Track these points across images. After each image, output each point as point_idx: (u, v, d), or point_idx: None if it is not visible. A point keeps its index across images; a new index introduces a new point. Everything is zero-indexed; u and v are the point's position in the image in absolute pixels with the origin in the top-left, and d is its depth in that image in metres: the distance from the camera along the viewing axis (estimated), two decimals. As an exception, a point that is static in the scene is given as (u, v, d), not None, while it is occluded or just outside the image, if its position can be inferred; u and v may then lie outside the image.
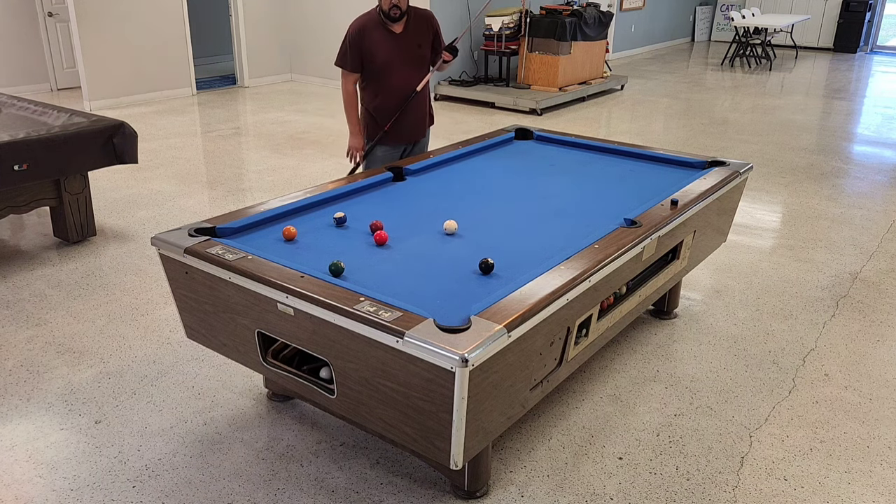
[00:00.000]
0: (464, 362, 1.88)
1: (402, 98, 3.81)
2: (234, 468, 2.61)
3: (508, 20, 8.77)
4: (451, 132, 7.43)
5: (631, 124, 7.94)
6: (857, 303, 3.93)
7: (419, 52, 3.80)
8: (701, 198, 3.12)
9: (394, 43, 3.73)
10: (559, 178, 3.45)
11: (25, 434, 2.77)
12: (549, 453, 2.71)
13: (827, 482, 2.59)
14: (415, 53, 3.79)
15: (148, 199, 5.38)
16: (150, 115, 8.02)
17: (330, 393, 2.33)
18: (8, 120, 4.48)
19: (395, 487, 2.52)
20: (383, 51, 3.72)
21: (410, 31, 3.77)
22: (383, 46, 3.72)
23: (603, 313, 2.73)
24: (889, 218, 5.21)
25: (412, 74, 3.81)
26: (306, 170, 6.13)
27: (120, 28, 8.24)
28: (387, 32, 3.73)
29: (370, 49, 3.73)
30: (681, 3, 14.34)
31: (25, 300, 3.82)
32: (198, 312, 2.62)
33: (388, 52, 3.73)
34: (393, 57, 3.73)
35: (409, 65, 3.79)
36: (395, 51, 3.73)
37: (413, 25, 3.78)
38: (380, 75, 3.77)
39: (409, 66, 3.79)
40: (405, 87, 3.81)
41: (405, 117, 3.87)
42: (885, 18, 14.56)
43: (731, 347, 3.48)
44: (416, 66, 3.81)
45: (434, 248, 2.64)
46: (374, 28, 3.73)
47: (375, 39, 3.72)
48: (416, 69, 3.82)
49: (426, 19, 3.84)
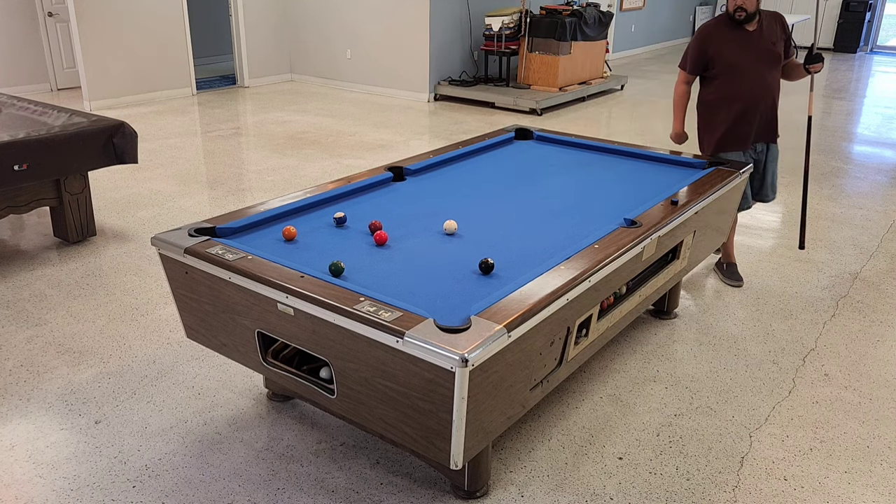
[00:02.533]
0: (464, 362, 1.88)
1: (753, 96, 3.76)
2: (234, 468, 2.61)
3: (508, 20, 8.77)
4: (451, 132, 7.43)
5: (631, 124, 7.94)
6: (857, 303, 3.93)
7: (774, 50, 3.75)
8: (701, 198, 3.12)
9: (746, 42, 3.72)
10: (559, 178, 3.45)
11: (25, 434, 2.78)
12: (549, 453, 2.71)
13: (827, 482, 2.59)
14: (770, 51, 3.74)
15: (148, 199, 5.38)
16: (150, 115, 8.02)
17: (330, 393, 2.33)
18: (8, 120, 4.48)
19: (395, 487, 2.52)
20: (733, 49, 3.72)
21: (764, 30, 3.74)
22: (734, 45, 3.72)
23: (603, 313, 2.73)
24: (889, 218, 5.21)
25: (764, 73, 3.75)
26: (306, 170, 6.13)
27: (120, 28, 8.24)
28: (738, 31, 3.73)
29: (719, 49, 3.74)
30: (681, 3, 14.34)
31: (25, 300, 3.82)
32: (198, 312, 2.62)
33: (739, 50, 3.72)
34: (744, 56, 3.72)
35: (762, 63, 3.74)
36: (746, 50, 3.72)
37: (766, 24, 3.76)
38: (729, 74, 3.76)
39: (761, 64, 3.74)
40: (757, 84, 3.75)
41: (756, 117, 3.82)
42: (885, 18, 14.55)
43: (731, 347, 3.48)
44: (769, 65, 3.75)
45: (434, 248, 2.64)
46: (724, 29, 3.76)
47: (725, 39, 3.74)
48: (769, 68, 3.76)
49: (777, 19, 3.81)
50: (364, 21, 9.27)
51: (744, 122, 3.81)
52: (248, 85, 9.78)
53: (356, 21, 9.34)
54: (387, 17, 9.03)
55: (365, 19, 9.25)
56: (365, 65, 9.47)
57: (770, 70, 3.77)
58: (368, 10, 9.17)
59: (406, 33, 8.90)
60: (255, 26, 9.67)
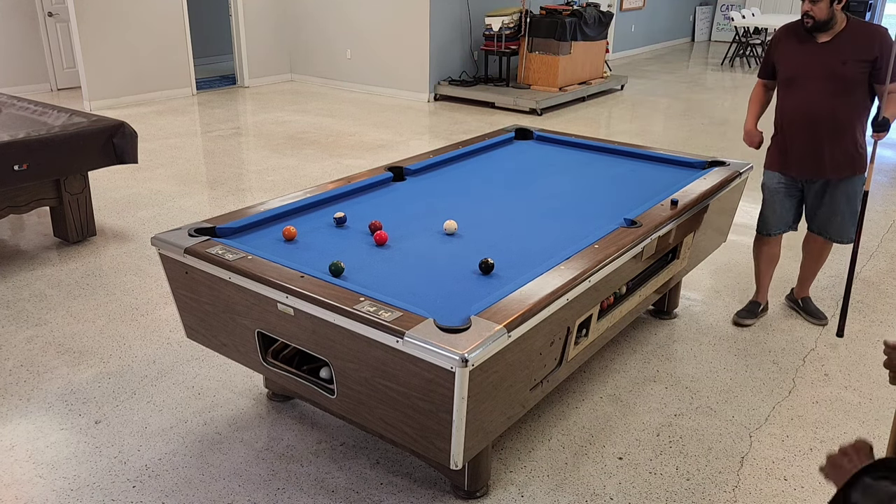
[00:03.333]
0: (464, 362, 1.88)
1: (806, 117, 3.30)
2: (234, 468, 2.61)
3: (508, 20, 8.77)
4: (451, 132, 7.43)
5: (631, 124, 7.94)
6: (857, 303, 3.93)
7: (842, 69, 3.19)
8: (701, 198, 3.12)
9: (810, 53, 3.26)
10: (559, 178, 3.45)
11: (25, 434, 2.77)
12: (549, 453, 2.71)
13: (827, 482, 2.59)
14: (834, 70, 3.20)
15: (148, 199, 5.38)
16: (150, 115, 8.02)
17: (330, 393, 2.33)
18: (8, 120, 4.48)
19: (395, 487, 2.52)
20: (794, 60, 3.32)
21: (839, 44, 3.20)
22: (795, 55, 3.31)
23: (603, 313, 2.73)
24: (889, 218, 5.21)
25: (825, 92, 3.23)
26: (306, 170, 6.13)
27: (120, 28, 8.24)
28: (806, 41, 3.28)
29: (782, 56, 3.38)
30: (681, 3, 14.34)
31: (25, 300, 3.82)
32: (198, 312, 2.62)
33: (800, 62, 3.29)
34: (804, 68, 3.27)
35: (823, 81, 3.22)
36: (808, 62, 3.26)
37: (845, 39, 3.20)
38: (787, 87, 3.37)
39: (822, 81, 3.23)
40: (812, 105, 3.27)
41: (804, 143, 3.34)
42: (885, 18, 14.55)
43: (731, 347, 3.48)
44: (832, 84, 3.21)
45: (434, 248, 2.64)
46: (794, 35, 3.34)
47: (789, 47, 3.34)
48: (832, 87, 3.22)
49: (869, 36, 3.19)
50: (364, 21, 9.26)
51: (790, 145, 3.38)
52: (248, 85, 9.78)
53: (356, 21, 9.34)
54: (387, 17, 9.03)
55: (365, 19, 9.25)
56: (365, 65, 9.47)
57: (835, 92, 3.22)
58: (368, 10, 9.17)
59: (406, 33, 8.90)
60: (255, 26, 9.66)
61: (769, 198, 3.55)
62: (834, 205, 3.43)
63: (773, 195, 3.52)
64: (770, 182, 3.54)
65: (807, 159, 3.37)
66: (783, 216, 3.54)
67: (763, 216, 3.60)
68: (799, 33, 3.32)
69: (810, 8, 3.16)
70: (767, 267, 3.68)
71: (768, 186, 3.55)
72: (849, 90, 3.23)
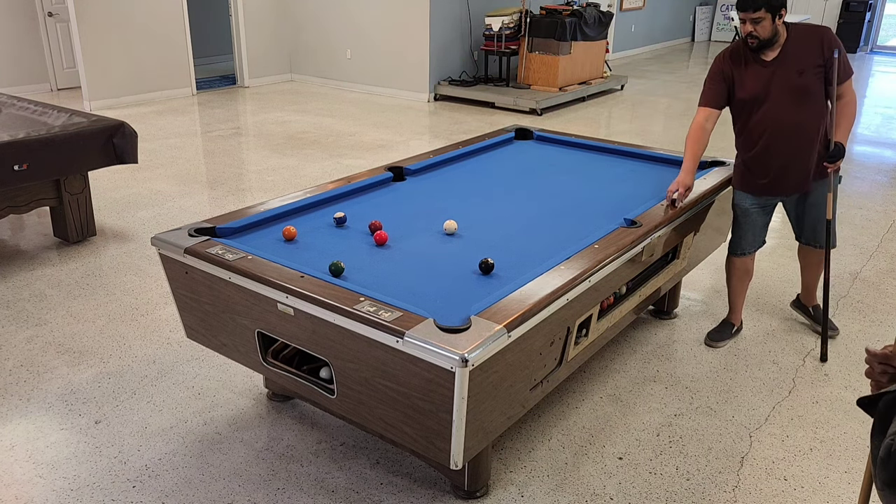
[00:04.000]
0: (464, 362, 1.88)
1: (771, 137, 3.17)
2: (234, 468, 2.61)
3: (508, 20, 8.77)
4: (451, 132, 7.43)
5: (631, 124, 7.94)
6: (857, 303, 3.93)
7: (798, 81, 3.07)
8: (701, 198, 3.12)
9: (763, 73, 3.12)
10: (559, 178, 3.45)
11: (25, 434, 2.77)
12: (549, 453, 2.71)
13: (827, 482, 2.59)
14: (792, 84, 3.08)
15: (148, 199, 5.38)
16: (150, 115, 8.02)
17: (330, 393, 2.33)
18: (8, 120, 4.48)
19: (395, 487, 2.52)
20: (749, 84, 3.15)
21: (788, 57, 3.09)
22: (749, 79, 3.14)
23: (603, 313, 2.73)
24: (889, 218, 5.21)
25: (786, 109, 3.11)
26: (306, 170, 6.13)
27: (120, 28, 8.24)
28: (754, 62, 3.14)
29: (735, 83, 3.18)
30: (681, 3, 14.34)
31: (25, 300, 3.82)
32: (198, 312, 2.62)
33: (754, 83, 3.13)
34: (760, 89, 3.13)
35: (783, 97, 3.10)
36: (762, 82, 3.12)
37: (792, 49, 3.08)
38: (746, 111, 3.21)
39: (782, 98, 3.11)
40: (775, 124, 3.14)
41: (784, 162, 3.20)
42: (885, 18, 14.55)
43: (731, 347, 3.48)
44: (793, 99, 3.10)
45: (434, 248, 2.64)
46: (739, 58, 3.17)
47: (739, 72, 3.17)
48: (794, 103, 3.10)
49: (815, 39, 3.08)
50: (364, 21, 9.26)
51: (770, 168, 3.23)
52: (248, 85, 9.78)
53: (356, 21, 9.34)
54: (387, 17, 9.03)
55: (365, 19, 9.25)
56: (365, 65, 9.46)
57: (799, 104, 3.11)
58: (368, 10, 9.17)
59: (406, 33, 8.90)
60: (255, 26, 9.66)
61: (742, 219, 3.39)
62: (817, 212, 3.37)
63: (746, 216, 3.38)
64: (742, 202, 3.37)
65: (790, 177, 3.25)
66: (758, 235, 3.44)
67: (736, 237, 3.45)
68: (745, 55, 3.16)
69: (753, 28, 3.02)
70: (741, 285, 3.52)
71: (740, 206, 3.38)
72: (810, 99, 3.12)
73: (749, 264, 3.49)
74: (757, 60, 3.14)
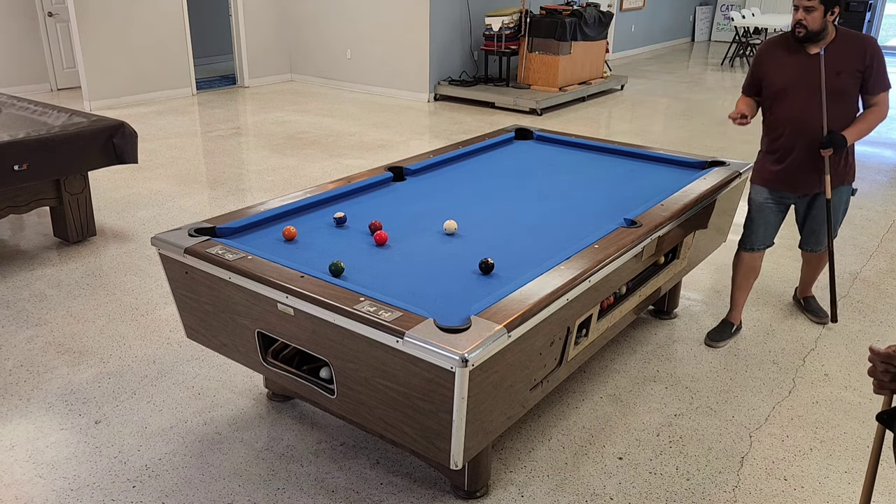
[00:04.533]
0: (464, 362, 1.88)
1: (799, 131, 3.21)
2: (234, 468, 2.61)
3: (508, 20, 8.77)
4: (451, 132, 7.44)
5: (631, 124, 7.94)
6: (857, 303, 3.93)
7: (836, 81, 3.12)
8: (701, 198, 3.12)
9: (802, 65, 3.17)
10: (559, 178, 3.45)
11: (25, 434, 2.77)
12: (549, 453, 2.71)
13: (827, 482, 2.59)
14: (828, 82, 3.11)
15: (148, 199, 5.38)
16: (150, 115, 8.02)
17: (330, 393, 2.33)
18: (8, 120, 4.48)
19: (395, 487, 2.52)
20: (784, 72, 3.21)
21: (829, 55, 3.12)
22: (786, 68, 3.20)
23: (603, 313, 2.73)
24: (889, 218, 5.21)
25: (815, 106, 3.14)
26: (306, 170, 6.13)
27: (120, 28, 8.24)
28: (796, 53, 3.19)
29: (769, 71, 3.25)
30: (681, 3, 14.34)
31: (25, 300, 3.82)
32: (198, 312, 2.62)
33: (791, 74, 3.19)
34: (796, 80, 3.18)
35: (814, 94, 3.14)
36: (800, 74, 3.17)
37: (836, 50, 3.13)
38: (778, 101, 3.25)
39: (813, 94, 3.14)
40: (804, 118, 3.18)
41: (802, 157, 3.25)
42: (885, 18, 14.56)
43: (731, 347, 3.48)
44: (828, 97, 3.12)
45: (434, 248, 2.64)
46: (782, 47, 3.24)
47: (778, 59, 3.23)
48: (829, 100, 3.13)
49: (860, 46, 3.14)
50: (364, 21, 9.26)
51: (788, 161, 3.28)
52: (248, 85, 9.78)
53: (356, 21, 9.34)
54: (387, 17, 9.03)
55: (365, 19, 9.25)
56: (365, 65, 9.47)
57: (829, 104, 3.12)
58: (368, 10, 9.17)
59: (406, 33, 8.90)
60: (255, 26, 9.66)
61: (756, 213, 3.44)
62: (821, 217, 3.41)
63: (761, 211, 3.42)
64: (758, 197, 3.43)
65: (806, 174, 3.29)
66: (770, 232, 3.47)
67: (748, 231, 3.48)
68: (788, 45, 3.22)
69: (804, 17, 3.06)
70: (746, 282, 3.54)
71: (755, 201, 3.44)
72: (842, 101, 3.16)
73: (757, 262, 3.53)
74: (800, 51, 3.19)
